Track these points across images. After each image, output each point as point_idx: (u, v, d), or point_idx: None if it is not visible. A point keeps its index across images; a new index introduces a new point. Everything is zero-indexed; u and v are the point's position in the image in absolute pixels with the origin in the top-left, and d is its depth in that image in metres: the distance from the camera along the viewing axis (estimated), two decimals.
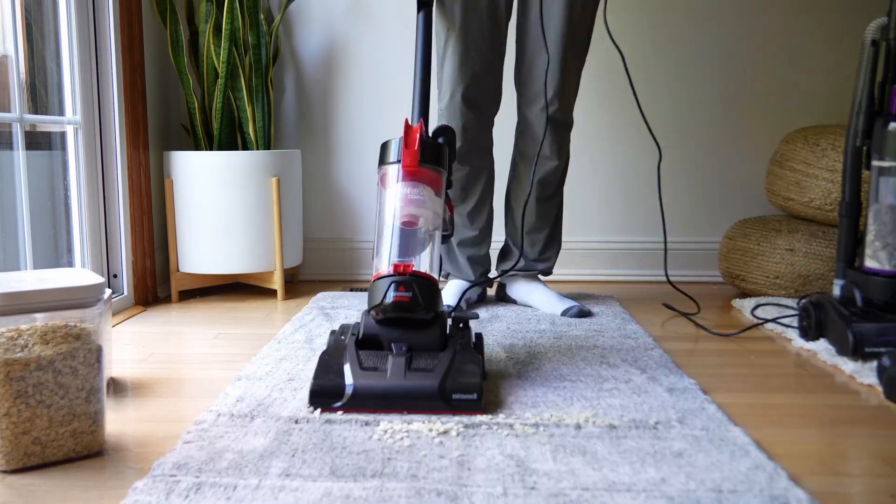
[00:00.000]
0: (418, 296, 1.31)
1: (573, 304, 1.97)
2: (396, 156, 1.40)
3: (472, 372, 1.27)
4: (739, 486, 0.99)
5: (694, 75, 2.52)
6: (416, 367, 1.27)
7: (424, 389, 1.24)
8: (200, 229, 2.20)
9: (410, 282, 1.31)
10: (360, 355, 1.30)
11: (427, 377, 1.25)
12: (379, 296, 1.31)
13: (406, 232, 1.38)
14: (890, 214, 1.62)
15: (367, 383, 1.25)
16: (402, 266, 1.34)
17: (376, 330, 1.34)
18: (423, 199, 1.38)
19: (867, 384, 1.44)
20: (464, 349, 1.33)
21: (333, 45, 2.53)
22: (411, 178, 1.39)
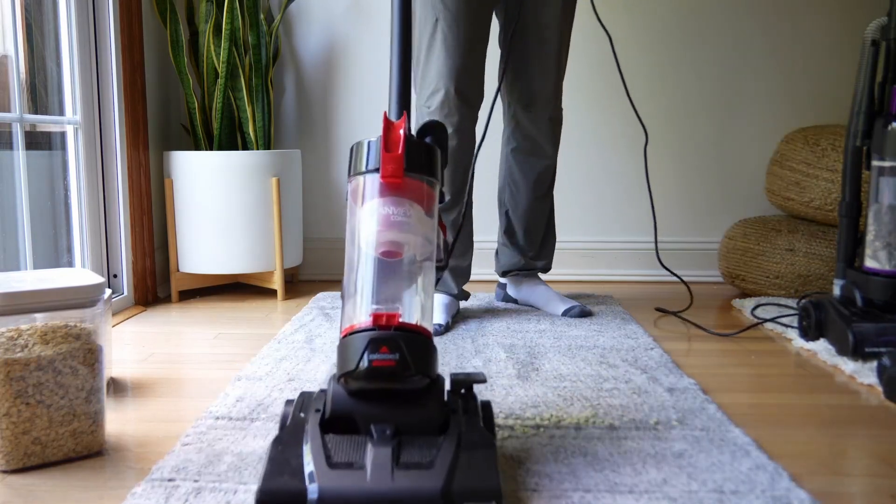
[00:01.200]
0: (407, 357, 0.94)
1: (574, 304, 1.97)
2: (374, 162, 1.02)
3: (488, 465, 0.90)
4: (741, 487, 0.99)
5: (693, 75, 2.52)
6: (408, 461, 0.90)
7: (421, 496, 0.86)
8: (200, 229, 2.20)
9: (395, 339, 0.94)
10: (326, 443, 0.92)
11: (424, 477, 0.88)
12: (353, 359, 0.94)
13: (387, 265, 1.01)
14: (890, 214, 1.62)
15: (339, 487, 0.86)
16: (385, 316, 0.96)
17: (349, 406, 0.96)
18: (408, 220, 1.01)
19: (867, 384, 1.44)
20: (471, 430, 0.96)
21: (333, 45, 2.53)
22: (394, 192, 1.01)
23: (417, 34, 1.80)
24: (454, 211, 1.87)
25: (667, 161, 2.54)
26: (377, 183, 1.01)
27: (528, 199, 2.01)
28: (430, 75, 1.78)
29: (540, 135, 1.95)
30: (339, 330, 1.00)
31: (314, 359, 1.57)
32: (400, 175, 1.00)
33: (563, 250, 2.40)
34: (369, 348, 0.93)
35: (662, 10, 2.49)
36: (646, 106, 2.50)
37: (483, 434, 0.96)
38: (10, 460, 1.04)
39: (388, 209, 1.00)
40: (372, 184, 1.02)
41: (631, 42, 2.48)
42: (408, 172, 1.01)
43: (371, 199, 1.01)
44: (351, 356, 0.94)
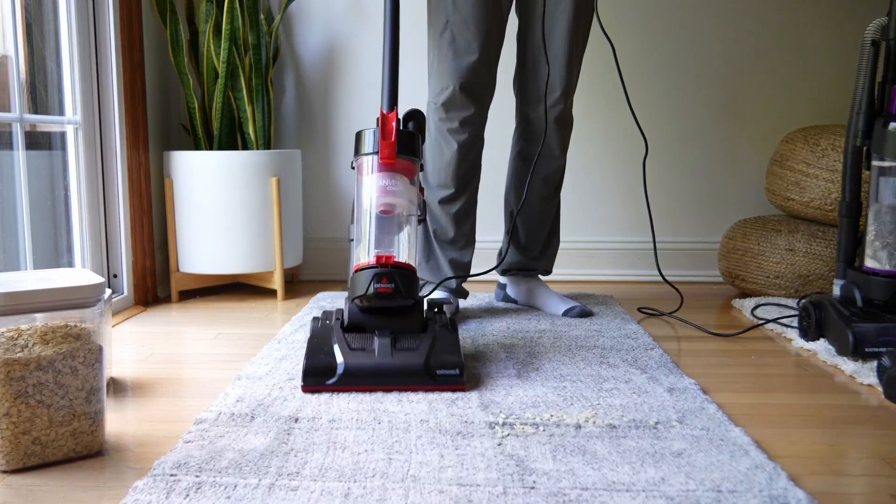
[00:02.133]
0: (400, 286, 1.40)
1: (575, 305, 1.97)
2: (373, 147, 1.48)
3: (454, 350, 1.39)
4: (739, 486, 0.99)
5: (694, 75, 2.52)
6: (402, 346, 1.37)
7: (411, 366, 1.34)
8: (200, 229, 2.20)
9: (392, 273, 1.40)
10: (347, 338, 1.39)
11: (412, 355, 1.36)
12: (363, 286, 1.40)
13: (383, 220, 1.47)
14: (890, 214, 1.62)
15: (357, 362, 1.34)
16: (385, 257, 1.42)
17: (361, 318, 1.43)
18: (399, 189, 1.46)
19: (867, 384, 1.44)
20: (443, 330, 1.44)
21: (333, 45, 2.53)
22: (388, 168, 1.46)
23: (430, 35, 1.87)
24: (457, 203, 1.91)
25: (667, 161, 2.54)
26: (376, 162, 1.47)
27: (534, 199, 2.00)
28: (440, 74, 1.85)
29: (549, 136, 1.94)
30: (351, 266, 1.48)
31: None
32: (394, 157, 1.46)
33: (563, 250, 2.39)
34: (374, 279, 1.39)
35: (663, 10, 2.49)
36: (646, 106, 2.50)
37: (451, 333, 1.44)
38: (10, 460, 1.04)
39: (384, 181, 1.46)
40: (372, 162, 1.48)
41: (632, 41, 2.48)
42: (399, 155, 1.47)
43: (372, 173, 1.48)
44: (361, 284, 1.40)
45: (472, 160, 1.91)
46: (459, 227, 1.93)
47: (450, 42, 1.82)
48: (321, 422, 1.21)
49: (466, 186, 1.92)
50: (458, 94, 1.82)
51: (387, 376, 1.33)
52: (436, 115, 1.87)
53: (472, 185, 1.94)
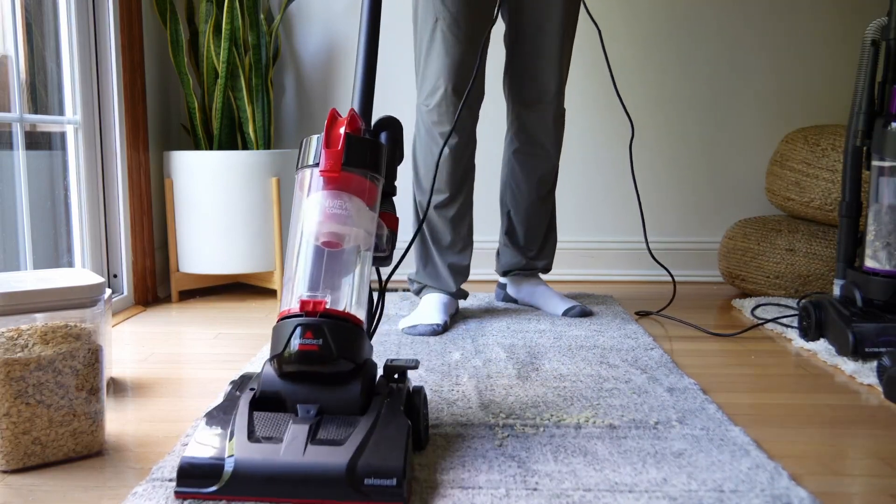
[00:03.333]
0: (330, 343, 1.01)
1: (575, 304, 1.97)
2: (316, 157, 1.08)
3: (395, 446, 0.95)
4: (741, 486, 0.99)
5: (693, 75, 2.52)
6: (322, 438, 0.96)
7: (328, 471, 0.92)
8: (200, 229, 2.20)
9: (319, 325, 1.01)
10: (253, 419, 0.99)
11: (334, 453, 0.93)
12: (281, 343, 1.02)
13: (322, 255, 1.07)
14: (890, 214, 1.62)
15: (253, 460, 0.93)
16: (312, 303, 1.03)
17: (278, 385, 1.03)
18: (347, 213, 1.06)
19: (867, 384, 1.44)
20: (390, 412, 1.01)
21: (333, 45, 2.53)
22: (333, 186, 1.07)
23: (418, 34, 1.83)
24: (453, 206, 1.90)
25: (667, 161, 2.54)
26: (317, 177, 1.08)
27: (530, 199, 2.01)
28: (430, 74, 1.81)
29: (542, 135, 1.95)
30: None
31: None
32: (337, 170, 1.06)
33: (563, 250, 2.39)
34: (296, 333, 1.01)
35: (663, 10, 2.49)
36: (646, 106, 2.51)
37: (399, 417, 1.00)
38: (10, 460, 1.04)
39: (327, 202, 1.06)
40: (315, 177, 1.08)
41: (631, 44, 2.48)
42: (346, 167, 1.07)
43: (315, 191, 1.08)
44: (280, 340, 1.02)
45: (465, 162, 1.89)
46: (456, 230, 1.92)
47: (441, 42, 1.78)
48: None
49: (461, 189, 1.90)
50: (450, 96, 1.79)
51: (292, 484, 0.92)
52: (427, 118, 1.84)
53: (467, 187, 1.92)
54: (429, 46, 1.80)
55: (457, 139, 1.83)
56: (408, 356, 1.59)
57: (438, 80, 1.79)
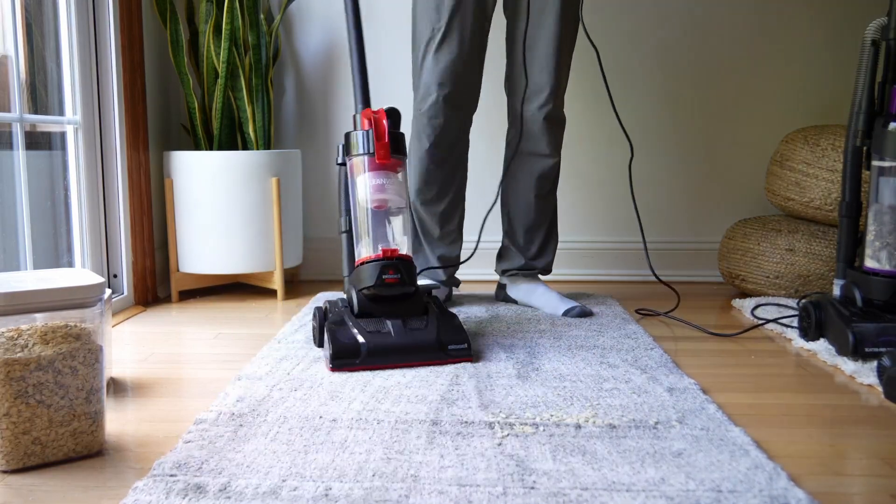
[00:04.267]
0: (404, 275, 1.55)
1: (574, 305, 1.97)
2: (366, 147, 1.59)
3: (459, 327, 1.57)
4: (739, 486, 0.99)
5: (693, 75, 2.52)
6: (412, 327, 1.53)
7: (425, 342, 1.51)
8: (200, 229, 2.20)
9: (397, 264, 1.55)
10: (361, 323, 1.52)
11: (424, 333, 1.52)
12: (371, 277, 1.54)
13: (378, 214, 1.59)
14: (890, 214, 1.62)
15: (378, 341, 1.49)
16: (390, 251, 1.56)
17: (369, 306, 1.56)
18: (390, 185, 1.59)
19: (867, 384, 1.44)
20: (440, 310, 1.61)
21: (333, 45, 2.53)
22: (382, 168, 1.58)
23: (416, 39, 1.92)
24: (442, 203, 1.99)
25: (667, 161, 2.54)
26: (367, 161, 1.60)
27: (529, 198, 2.02)
28: (424, 81, 1.91)
29: (540, 134, 1.96)
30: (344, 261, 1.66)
31: (316, 365, 1.57)
32: (389, 157, 1.59)
33: (564, 250, 2.40)
34: (382, 271, 1.54)
35: (662, 9, 2.49)
36: (645, 106, 2.51)
37: (447, 312, 1.63)
38: (10, 460, 1.04)
39: (379, 180, 1.59)
40: (366, 162, 1.60)
41: (631, 42, 2.48)
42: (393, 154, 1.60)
43: (365, 171, 1.60)
44: (369, 276, 1.54)
45: (454, 162, 1.98)
46: (444, 225, 2.01)
47: (436, 49, 1.87)
48: (322, 422, 1.21)
49: (450, 186, 1.99)
50: (440, 103, 1.90)
51: (405, 353, 1.49)
52: (418, 121, 1.94)
53: (457, 184, 2.01)
54: (425, 54, 1.89)
55: (445, 144, 1.94)
56: None
57: (431, 87, 1.90)
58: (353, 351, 1.47)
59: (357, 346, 1.48)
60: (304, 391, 1.36)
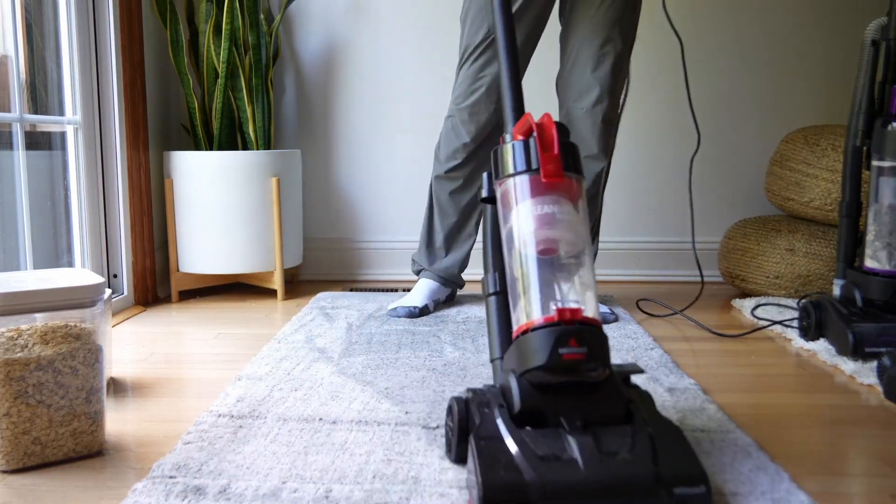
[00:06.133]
0: (595, 350, 0.97)
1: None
2: (526, 163, 1.05)
3: (689, 452, 0.94)
4: (741, 489, 0.99)
5: (693, 75, 2.52)
6: (609, 448, 0.93)
7: (636, 479, 0.89)
8: (200, 229, 2.20)
9: (583, 333, 0.97)
10: (528, 440, 0.94)
11: (633, 464, 0.91)
12: (542, 353, 0.96)
13: (548, 262, 1.03)
14: (890, 214, 1.62)
15: (556, 478, 0.89)
16: (569, 311, 0.98)
17: (537, 402, 0.98)
18: (564, 218, 1.04)
19: (867, 384, 1.44)
20: (655, 418, 0.99)
21: (333, 45, 2.53)
22: (551, 191, 1.04)
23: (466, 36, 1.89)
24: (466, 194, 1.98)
25: (667, 161, 2.54)
26: (531, 183, 1.04)
27: None
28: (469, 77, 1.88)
29: (589, 134, 1.91)
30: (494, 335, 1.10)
31: (317, 365, 1.57)
32: (561, 174, 1.04)
33: None
34: (558, 342, 0.96)
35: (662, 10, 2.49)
36: (645, 106, 2.50)
37: (668, 422, 0.99)
38: (10, 460, 1.04)
39: (547, 208, 1.03)
40: (526, 184, 1.04)
41: None
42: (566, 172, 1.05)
43: (525, 199, 1.04)
44: (539, 350, 0.97)
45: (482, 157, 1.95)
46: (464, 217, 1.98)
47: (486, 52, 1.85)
48: (323, 423, 1.21)
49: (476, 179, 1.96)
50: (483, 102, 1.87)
51: (602, 497, 0.89)
52: (456, 113, 1.92)
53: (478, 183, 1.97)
54: (473, 51, 1.87)
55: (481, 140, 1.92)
56: (409, 350, 1.59)
57: (476, 89, 1.88)
58: (515, 491, 0.88)
59: (523, 485, 0.88)
60: (305, 392, 1.36)
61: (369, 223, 2.59)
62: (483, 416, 0.99)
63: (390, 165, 2.56)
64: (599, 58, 1.87)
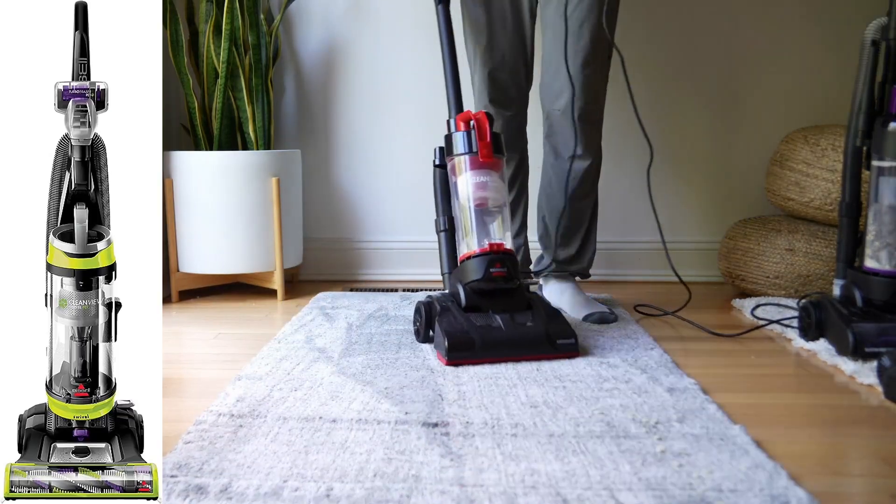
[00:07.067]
0: (511, 269, 1.58)
1: (595, 311, 1.91)
2: (467, 147, 1.64)
3: (565, 322, 1.60)
4: (740, 486, 0.99)
5: (693, 75, 2.52)
6: (520, 321, 1.56)
7: (535, 337, 1.54)
8: (200, 229, 2.20)
9: (504, 258, 1.58)
10: (471, 318, 1.55)
11: (533, 328, 1.55)
12: (478, 271, 1.57)
13: (480, 212, 1.63)
14: (890, 214, 1.62)
15: (490, 336, 1.52)
16: (496, 245, 1.60)
17: (476, 300, 1.59)
18: (491, 184, 1.64)
19: (867, 384, 1.44)
20: (544, 305, 1.63)
21: (333, 45, 2.53)
22: (484, 166, 1.63)
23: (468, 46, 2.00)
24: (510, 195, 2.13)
25: (666, 161, 2.54)
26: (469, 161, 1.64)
27: (562, 201, 1.96)
28: (476, 82, 2.01)
29: (569, 135, 1.92)
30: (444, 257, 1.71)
31: (317, 364, 1.57)
32: (492, 156, 1.64)
33: None
34: (489, 265, 1.57)
35: (662, 9, 2.49)
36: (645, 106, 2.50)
37: (551, 307, 1.66)
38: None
39: (480, 178, 1.64)
40: (467, 161, 1.65)
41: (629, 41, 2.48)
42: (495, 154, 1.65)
43: (466, 171, 1.64)
44: (476, 269, 1.58)
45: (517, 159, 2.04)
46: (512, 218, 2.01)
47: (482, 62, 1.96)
48: (322, 422, 1.21)
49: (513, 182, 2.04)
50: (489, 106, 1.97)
51: (515, 347, 1.53)
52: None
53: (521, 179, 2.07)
54: (473, 59, 1.99)
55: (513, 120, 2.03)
56: (409, 350, 1.59)
57: (481, 87, 1.98)
58: (467, 344, 1.50)
59: (471, 340, 1.51)
60: (305, 391, 1.36)
61: (369, 223, 2.59)
62: (443, 309, 1.60)
63: (390, 165, 2.56)
64: (571, 57, 1.87)
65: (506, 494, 0.96)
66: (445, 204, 1.72)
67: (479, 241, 1.61)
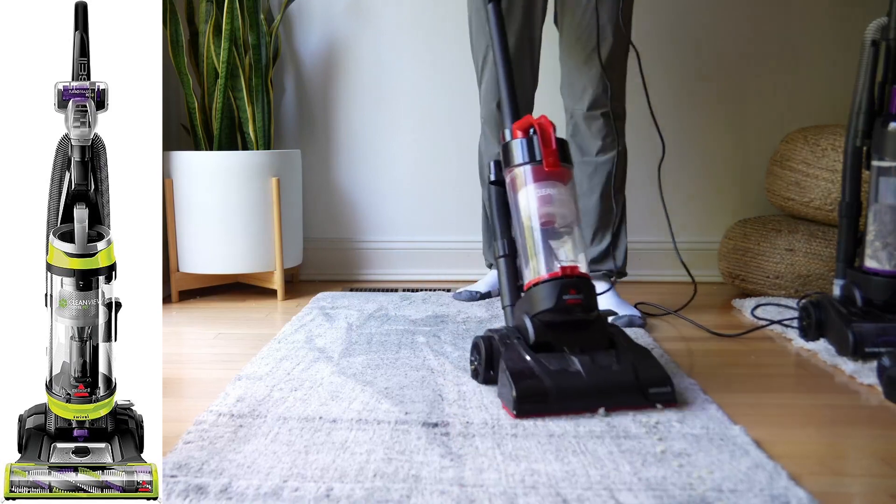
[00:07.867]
0: (587, 297, 1.32)
1: (625, 314, 1.87)
2: (527, 156, 1.39)
3: (658, 365, 1.32)
4: (740, 486, 0.99)
5: (693, 75, 2.52)
6: (602, 363, 1.28)
7: (622, 384, 1.27)
8: (200, 229, 2.20)
9: (580, 284, 1.31)
10: (543, 360, 1.28)
11: (620, 373, 1.28)
12: (550, 299, 1.30)
13: (549, 232, 1.37)
14: (890, 214, 1.62)
15: (568, 383, 1.25)
16: (570, 268, 1.32)
17: (547, 335, 1.32)
18: (560, 198, 1.38)
19: (867, 384, 1.44)
20: (632, 344, 1.35)
21: (333, 45, 2.53)
22: (549, 178, 1.38)
23: (474, 52, 2.00)
24: None
25: (667, 161, 2.54)
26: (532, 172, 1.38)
27: (590, 199, 1.96)
28: (483, 89, 2.00)
29: (594, 134, 1.92)
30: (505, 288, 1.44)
31: (317, 364, 1.57)
32: (558, 164, 1.38)
33: None
34: (562, 290, 1.30)
35: (662, 10, 2.49)
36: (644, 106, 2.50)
37: (639, 346, 1.36)
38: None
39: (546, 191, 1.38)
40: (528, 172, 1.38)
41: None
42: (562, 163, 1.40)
43: (528, 184, 1.38)
44: (547, 297, 1.31)
45: None
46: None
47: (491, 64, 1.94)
48: (322, 422, 1.21)
49: None
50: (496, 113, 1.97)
51: (599, 396, 1.25)
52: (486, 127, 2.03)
53: None
54: (482, 65, 1.97)
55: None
56: (409, 350, 1.59)
57: (488, 95, 1.98)
58: (540, 395, 1.23)
59: (544, 389, 1.24)
60: (305, 391, 1.36)
61: (369, 223, 2.59)
62: (507, 346, 1.32)
63: (390, 165, 2.56)
64: (589, 57, 1.88)
65: (506, 494, 0.96)
66: (504, 225, 1.47)
67: (548, 264, 1.34)
